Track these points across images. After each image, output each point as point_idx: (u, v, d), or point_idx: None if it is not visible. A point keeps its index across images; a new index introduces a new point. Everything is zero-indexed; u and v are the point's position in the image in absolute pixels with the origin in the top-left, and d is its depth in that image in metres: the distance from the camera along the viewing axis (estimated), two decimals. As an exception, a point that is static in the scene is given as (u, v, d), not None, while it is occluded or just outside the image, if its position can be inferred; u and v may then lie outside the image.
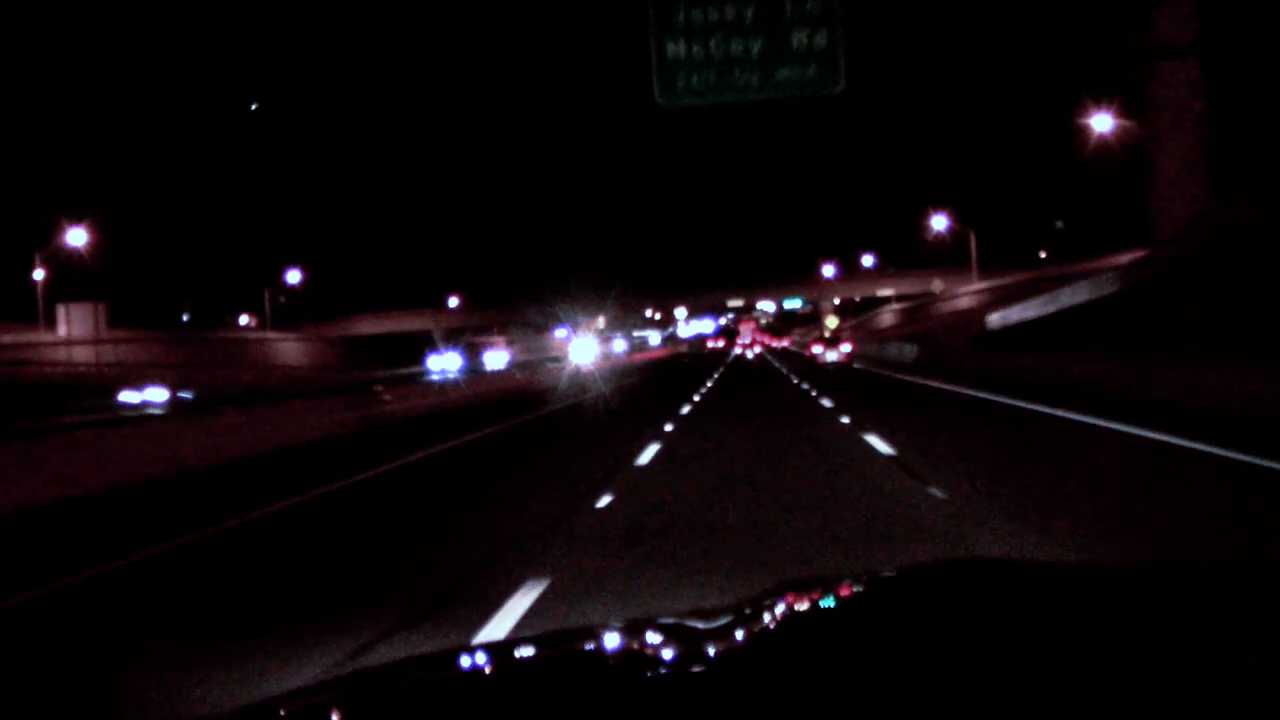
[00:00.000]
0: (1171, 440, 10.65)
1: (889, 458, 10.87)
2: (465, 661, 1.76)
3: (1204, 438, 10.32)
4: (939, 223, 58.74)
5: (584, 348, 53.47)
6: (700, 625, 1.65)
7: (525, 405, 24.38)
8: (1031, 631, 1.38)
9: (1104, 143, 35.66)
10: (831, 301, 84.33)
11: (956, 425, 14.84)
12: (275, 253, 68.68)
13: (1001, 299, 45.96)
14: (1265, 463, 8.67)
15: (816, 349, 47.07)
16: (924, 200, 60.23)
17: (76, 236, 46.82)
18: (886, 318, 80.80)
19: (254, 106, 78.25)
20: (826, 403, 20.05)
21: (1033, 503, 7.75)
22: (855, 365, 41.01)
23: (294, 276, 68.20)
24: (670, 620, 1.73)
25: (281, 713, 1.48)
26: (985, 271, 57.00)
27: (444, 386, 30.70)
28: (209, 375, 44.19)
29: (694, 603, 5.02)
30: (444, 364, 53.93)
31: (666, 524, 7.66)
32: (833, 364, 41.99)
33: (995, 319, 38.71)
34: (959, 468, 9.84)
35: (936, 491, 8.37)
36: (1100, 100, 34.90)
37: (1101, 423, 12.84)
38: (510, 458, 13.99)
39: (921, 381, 26.05)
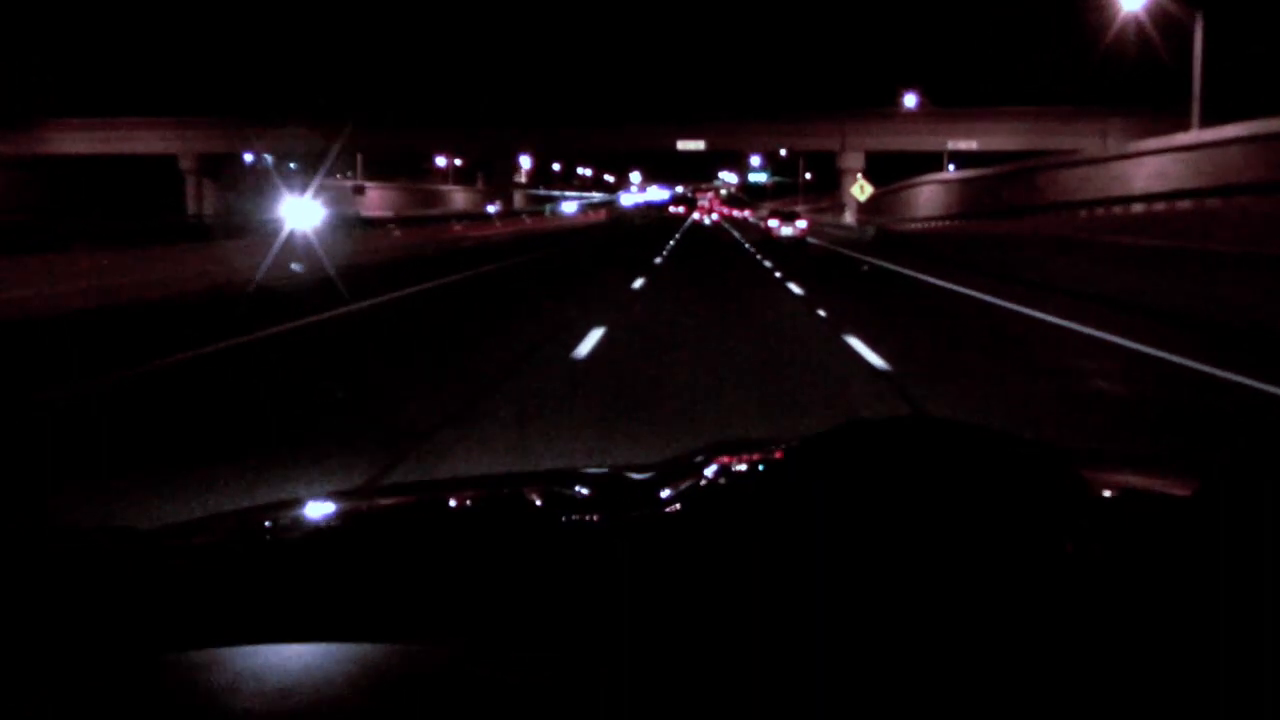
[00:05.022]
0: None
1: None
2: (370, 503, 1.73)
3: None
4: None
5: (302, 208, 24.66)
6: (632, 476, 1.58)
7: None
8: (975, 495, 1.21)
9: None
10: (858, 155, 60.18)
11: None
12: None
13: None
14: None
15: (772, 223, 48.73)
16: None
17: None
18: (926, 193, 47.83)
19: None
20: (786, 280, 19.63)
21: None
22: (809, 240, 43.28)
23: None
24: (600, 470, 1.70)
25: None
26: (1170, 118, 30.82)
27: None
28: None
29: None
30: None
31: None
32: (787, 238, 44.14)
33: None
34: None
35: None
36: None
37: None
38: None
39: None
